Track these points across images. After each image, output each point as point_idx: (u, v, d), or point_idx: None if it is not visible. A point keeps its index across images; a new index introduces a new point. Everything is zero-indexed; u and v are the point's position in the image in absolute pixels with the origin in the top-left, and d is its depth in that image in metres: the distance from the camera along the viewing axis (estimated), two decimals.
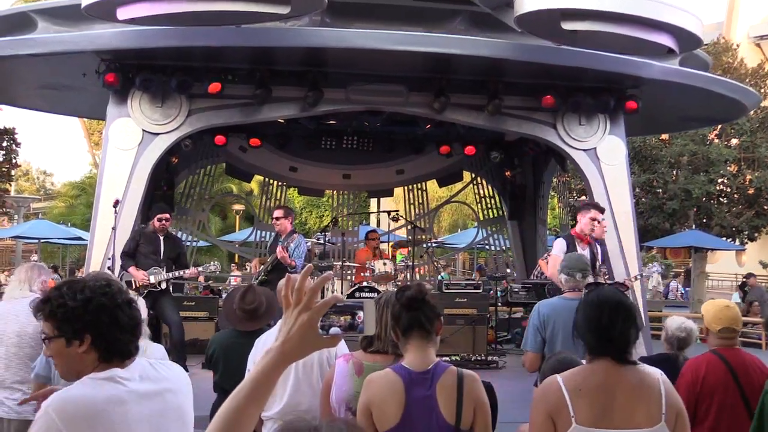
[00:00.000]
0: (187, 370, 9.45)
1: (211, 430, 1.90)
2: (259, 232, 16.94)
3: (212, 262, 11.12)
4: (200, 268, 10.76)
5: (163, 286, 10.17)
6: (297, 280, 1.97)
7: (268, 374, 1.95)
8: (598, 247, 9.01)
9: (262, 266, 11.06)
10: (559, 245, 8.80)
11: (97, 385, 2.78)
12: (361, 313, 1.96)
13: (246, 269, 19.02)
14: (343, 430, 1.49)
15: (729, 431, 4.94)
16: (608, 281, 9.06)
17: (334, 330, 1.94)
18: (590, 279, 6.06)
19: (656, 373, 3.37)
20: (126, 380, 2.83)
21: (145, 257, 10.23)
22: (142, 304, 6.01)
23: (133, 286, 9.81)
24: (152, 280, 10.02)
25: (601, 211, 9.02)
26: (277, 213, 11.10)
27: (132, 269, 10.02)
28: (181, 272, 10.35)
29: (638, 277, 10.32)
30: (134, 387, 2.83)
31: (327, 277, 2.11)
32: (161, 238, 10.36)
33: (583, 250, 8.53)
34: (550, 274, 8.83)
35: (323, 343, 1.95)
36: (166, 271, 10.21)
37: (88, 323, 2.81)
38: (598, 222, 8.79)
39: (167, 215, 10.52)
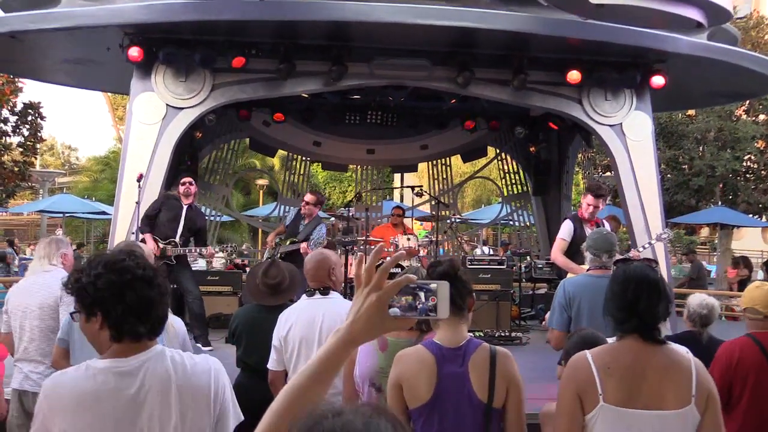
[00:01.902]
0: (209, 344, 9.49)
1: (273, 409, 1.86)
2: (282, 207, 16.96)
3: (230, 245, 11.08)
4: (218, 249, 10.65)
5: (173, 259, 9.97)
6: (368, 259, 1.92)
7: (335, 354, 1.90)
8: (606, 225, 8.81)
9: (278, 244, 11.08)
10: (566, 227, 8.58)
11: (91, 375, 2.72)
12: (422, 294, 1.87)
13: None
14: (367, 414, 1.46)
15: (763, 413, 4.91)
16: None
17: (392, 311, 1.87)
18: (617, 257, 5.97)
19: (687, 353, 3.34)
20: (122, 373, 2.73)
21: (163, 225, 10.09)
22: None
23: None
24: (168, 251, 9.88)
25: (597, 195, 8.63)
26: (311, 198, 11.13)
27: (147, 236, 9.85)
28: (201, 249, 10.26)
29: (645, 247, 10.04)
30: (126, 381, 2.73)
31: (399, 256, 2.06)
32: (184, 207, 10.20)
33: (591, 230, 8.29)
34: (553, 257, 8.66)
35: (392, 324, 1.90)
36: (183, 244, 10.07)
37: (96, 300, 2.74)
38: (594, 208, 8.53)
39: (190, 179, 10.40)
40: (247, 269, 14.94)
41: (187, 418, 2.80)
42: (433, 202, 15.63)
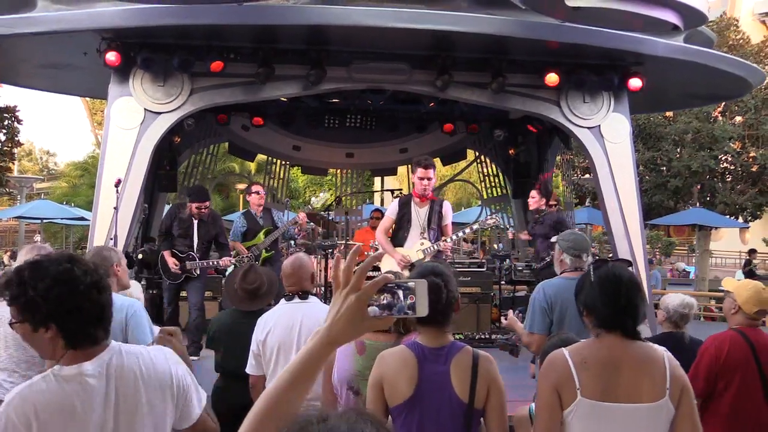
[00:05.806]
0: (198, 354, 9.56)
1: (254, 412, 1.84)
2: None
3: (247, 255, 11.07)
4: (234, 260, 10.65)
5: (197, 272, 10.24)
6: (346, 261, 1.90)
7: (315, 356, 1.88)
8: (444, 204, 9.19)
9: (250, 247, 11.13)
10: (392, 207, 9.25)
11: (60, 383, 2.71)
12: (400, 293, 1.85)
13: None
14: (352, 419, 1.46)
15: (746, 407, 4.98)
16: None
17: (371, 309, 1.85)
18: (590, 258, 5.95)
19: (660, 349, 3.42)
20: (92, 377, 2.74)
21: (177, 240, 10.30)
22: (138, 289, 6.01)
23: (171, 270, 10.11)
24: (187, 266, 10.12)
25: (426, 167, 8.84)
26: (260, 188, 11.66)
27: (166, 254, 10.13)
28: (216, 261, 10.40)
29: (465, 232, 10.51)
30: (98, 384, 2.74)
31: (377, 256, 2.06)
32: (195, 222, 10.29)
33: (421, 209, 8.92)
34: (376, 235, 9.46)
35: (372, 324, 1.88)
36: (202, 255, 10.28)
37: (50, 313, 2.70)
38: (427, 180, 8.79)
39: (206, 203, 10.34)
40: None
41: (155, 407, 2.86)
42: None
